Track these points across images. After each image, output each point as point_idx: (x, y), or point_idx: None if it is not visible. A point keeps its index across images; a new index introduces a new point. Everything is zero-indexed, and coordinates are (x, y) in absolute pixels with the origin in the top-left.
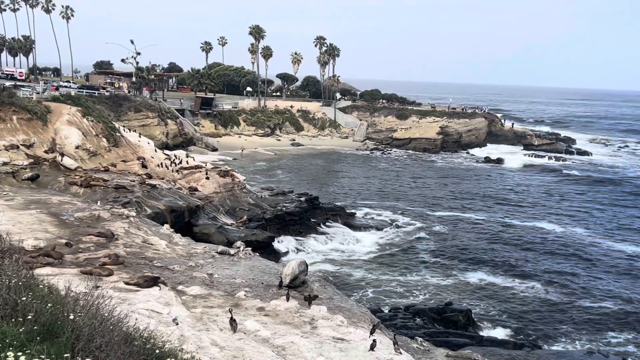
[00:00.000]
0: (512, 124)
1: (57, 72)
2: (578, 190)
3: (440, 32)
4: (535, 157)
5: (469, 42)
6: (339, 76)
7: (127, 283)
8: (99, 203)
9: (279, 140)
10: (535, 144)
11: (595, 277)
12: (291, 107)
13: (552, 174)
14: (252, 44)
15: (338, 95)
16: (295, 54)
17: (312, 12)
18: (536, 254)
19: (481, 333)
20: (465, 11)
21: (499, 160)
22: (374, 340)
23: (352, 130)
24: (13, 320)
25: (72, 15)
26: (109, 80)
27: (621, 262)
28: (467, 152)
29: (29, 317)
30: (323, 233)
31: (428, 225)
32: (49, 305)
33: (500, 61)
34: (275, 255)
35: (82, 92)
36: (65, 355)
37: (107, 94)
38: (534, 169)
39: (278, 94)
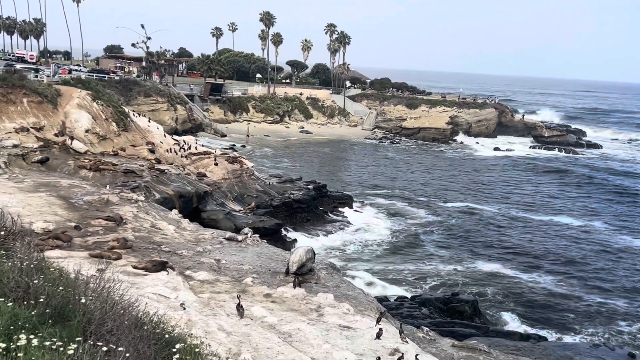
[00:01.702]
0: (523, 115)
1: (67, 55)
2: (591, 183)
3: (453, 22)
4: (544, 149)
5: (481, 33)
6: (349, 64)
7: (135, 267)
8: (107, 187)
9: (288, 127)
10: (546, 135)
11: (608, 271)
12: (300, 94)
13: (561, 166)
14: (262, 31)
15: (348, 84)
16: (306, 41)
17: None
18: (546, 246)
19: (487, 324)
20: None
21: (509, 151)
22: (380, 329)
23: (361, 118)
24: (25, 303)
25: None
26: (119, 65)
27: (636, 256)
28: (477, 143)
29: (41, 300)
30: (331, 221)
31: (437, 214)
32: (60, 288)
33: (512, 52)
34: (283, 243)
35: (93, 76)
36: (77, 338)
37: (117, 78)
38: (543, 161)
39: (287, 81)
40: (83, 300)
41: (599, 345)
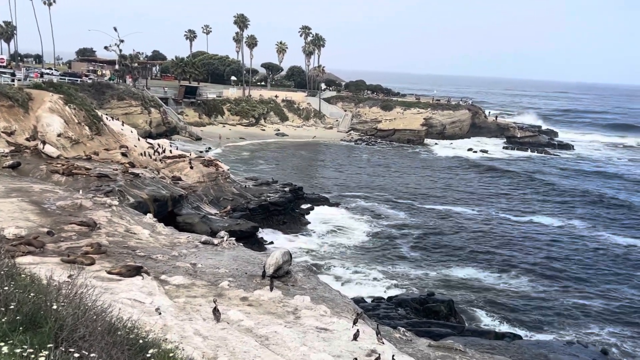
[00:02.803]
0: (496, 116)
1: (39, 59)
2: (564, 182)
3: (426, 24)
4: (517, 149)
5: (456, 35)
6: (324, 66)
7: (109, 272)
8: (81, 192)
9: (264, 130)
10: (518, 136)
11: (582, 271)
12: (276, 97)
13: (535, 166)
14: (236, 33)
15: (323, 86)
16: (280, 43)
17: (298, 3)
18: (521, 247)
19: (463, 323)
20: (452, 3)
21: (484, 152)
22: (357, 330)
23: (337, 120)
24: None
25: (55, 2)
26: (91, 68)
27: (610, 256)
28: (451, 144)
29: (11, 306)
30: (307, 223)
31: (412, 216)
32: (31, 294)
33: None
34: (259, 245)
35: (65, 79)
36: (49, 345)
37: (89, 81)
38: (517, 162)
39: (263, 83)
40: (55, 307)
41: (572, 342)
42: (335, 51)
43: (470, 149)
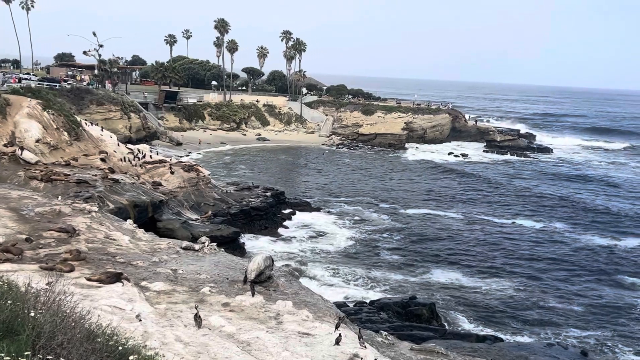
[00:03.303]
0: (476, 120)
1: (16, 64)
2: (544, 186)
3: (407, 29)
4: (497, 153)
5: (435, 40)
6: (305, 71)
7: (89, 279)
8: (60, 198)
9: (245, 134)
10: (498, 140)
11: (563, 273)
12: (257, 101)
13: (515, 169)
14: (217, 38)
15: (304, 90)
16: (262, 48)
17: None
18: (502, 250)
19: (445, 326)
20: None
21: (464, 156)
22: (340, 335)
23: (318, 125)
24: None
25: (33, 6)
26: (70, 73)
27: (590, 258)
28: (436, 149)
29: None
30: (289, 228)
31: (394, 220)
32: (8, 302)
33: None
34: (241, 251)
35: (43, 84)
36: (26, 353)
37: (68, 86)
38: (497, 165)
39: (244, 88)
40: (32, 314)
41: (552, 344)
42: (317, 54)
43: (450, 153)
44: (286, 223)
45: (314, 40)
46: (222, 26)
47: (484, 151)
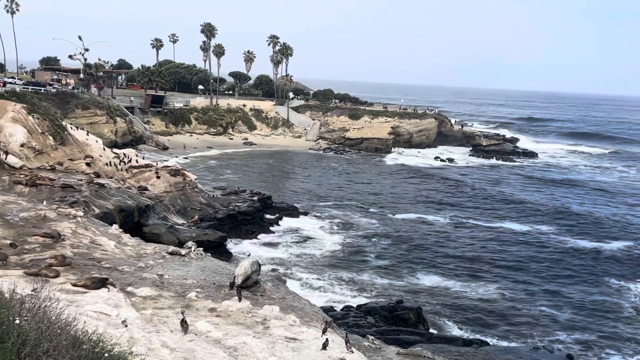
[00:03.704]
0: (462, 125)
1: (1, 67)
2: (529, 190)
3: (394, 33)
4: (483, 157)
5: (422, 46)
6: (292, 75)
7: (74, 285)
8: (45, 203)
9: (232, 139)
10: (484, 144)
11: (548, 277)
12: (244, 105)
13: (501, 173)
14: (204, 42)
15: (291, 95)
16: (248, 52)
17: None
18: (488, 254)
19: (431, 330)
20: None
21: (450, 160)
22: (327, 339)
23: (305, 129)
24: None
25: (18, 10)
26: (55, 77)
27: (576, 263)
28: (419, 152)
29: None
30: (276, 232)
31: (380, 224)
32: None
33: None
34: (228, 256)
35: (28, 88)
36: None
37: (53, 90)
38: (483, 169)
39: (230, 92)
40: (18, 321)
41: (539, 348)
42: (304, 59)
43: (437, 157)
44: (273, 228)
45: (301, 44)
46: (209, 30)
47: (469, 155)
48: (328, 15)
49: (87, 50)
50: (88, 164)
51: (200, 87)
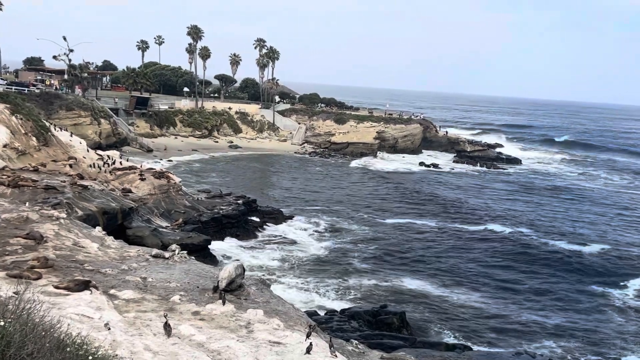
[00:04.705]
0: (446, 131)
1: None
2: (513, 195)
3: (380, 38)
4: (467, 163)
5: (406, 50)
6: (278, 79)
7: (56, 287)
8: (27, 204)
9: (217, 142)
10: (468, 150)
11: (532, 283)
12: (229, 108)
13: (484, 179)
14: (190, 44)
15: (277, 98)
16: (234, 55)
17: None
18: (472, 259)
19: (415, 335)
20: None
21: (435, 165)
22: (310, 344)
23: (291, 133)
24: None
25: (1, 9)
26: (39, 77)
27: (559, 267)
28: (403, 157)
29: None
30: (261, 236)
31: (365, 228)
32: None
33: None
34: (212, 259)
35: (11, 89)
36: None
37: (37, 91)
38: (468, 175)
39: (216, 95)
40: (2, 323)
41: (521, 353)
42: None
43: (421, 163)
44: (258, 231)
45: (287, 48)
46: (195, 33)
47: (454, 161)
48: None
49: (71, 51)
50: (71, 166)
51: (186, 89)
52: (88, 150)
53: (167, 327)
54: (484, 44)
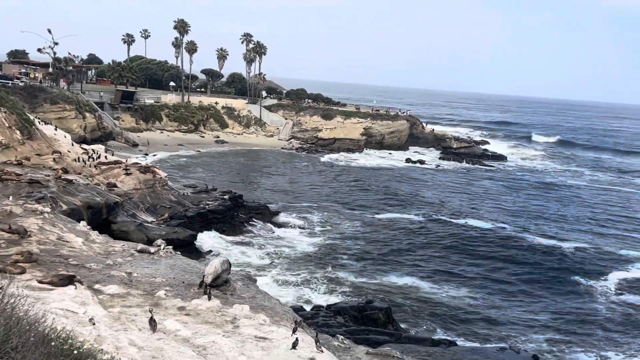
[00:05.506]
0: (432, 129)
1: None
2: (500, 190)
3: (368, 35)
4: (453, 160)
5: (395, 46)
6: (265, 74)
7: (40, 282)
8: (11, 198)
9: (203, 136)
10: (454, 146)
11: (517, 279)
12: (216, 103)
13: (470, 175)
14: (176, 38)
15: (264, 93)
16: (221, 49)
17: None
18: (458, 254)
19: (400, 331)
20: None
21: (421, 162)
22: (296, 339)
23: (278, 128)
24: None
25: None
26: (23, 70)
27: (544, 263)
28: (390, 154)
29: None
30: (247, 232)
31: (352, 224)
32: None
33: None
34: (197, 254)
35: None
36: None
37: (21, 84)
38: (454, 171)
39: (202, 89)
40: None
41: (505, 348)
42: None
43: (408, 159)
44: (244, 227)
45: (274, 43)
46: (181, 27)
47: (440, 158)
48: (302, 16)
49: (56, 44)
50: (56, 160)
51: (172, 83)
52: (73, 144)
53: (152, 322)
54: (474, 42)
